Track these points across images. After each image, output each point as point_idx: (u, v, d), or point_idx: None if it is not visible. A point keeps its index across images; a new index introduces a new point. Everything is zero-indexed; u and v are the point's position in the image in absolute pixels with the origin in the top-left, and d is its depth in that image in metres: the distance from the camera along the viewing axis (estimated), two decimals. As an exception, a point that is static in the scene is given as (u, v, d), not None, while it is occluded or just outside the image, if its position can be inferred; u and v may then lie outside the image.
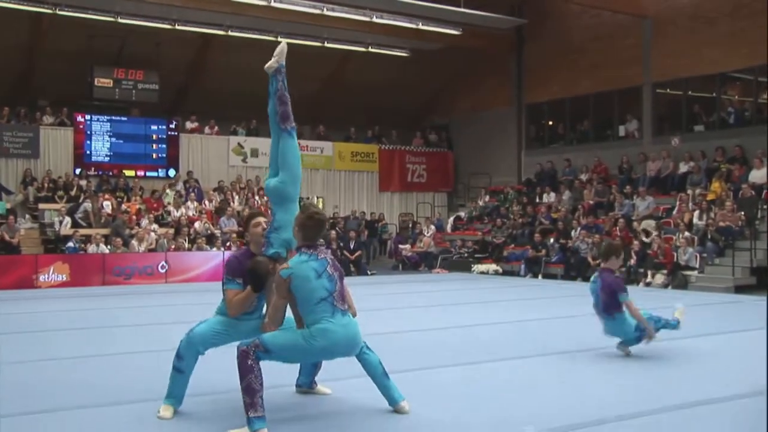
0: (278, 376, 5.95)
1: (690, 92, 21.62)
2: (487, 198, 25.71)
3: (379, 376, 5.45)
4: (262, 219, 5.80)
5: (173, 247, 19.48)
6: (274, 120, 5.95)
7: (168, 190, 22.24)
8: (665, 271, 17.11)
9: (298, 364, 5.98)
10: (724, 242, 17.16)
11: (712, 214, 18.07)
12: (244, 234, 5.77)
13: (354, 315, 5.48)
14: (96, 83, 22.44)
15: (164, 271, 18.36)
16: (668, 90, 22.19)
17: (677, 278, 16.81)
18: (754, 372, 7.12)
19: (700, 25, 20.51)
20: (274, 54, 5.94)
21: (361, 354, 5.40)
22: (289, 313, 5.42)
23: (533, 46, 25.26)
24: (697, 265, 17.02)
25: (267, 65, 5.97)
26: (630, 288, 15.72)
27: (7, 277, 16.68)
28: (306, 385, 6.10)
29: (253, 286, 5.42)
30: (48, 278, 17.12)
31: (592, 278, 8.14)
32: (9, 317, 11.69)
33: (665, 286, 16.80)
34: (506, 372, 7.20)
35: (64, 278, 17.27)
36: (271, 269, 5.43)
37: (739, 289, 15.92)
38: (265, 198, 23.08)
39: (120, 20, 20.97)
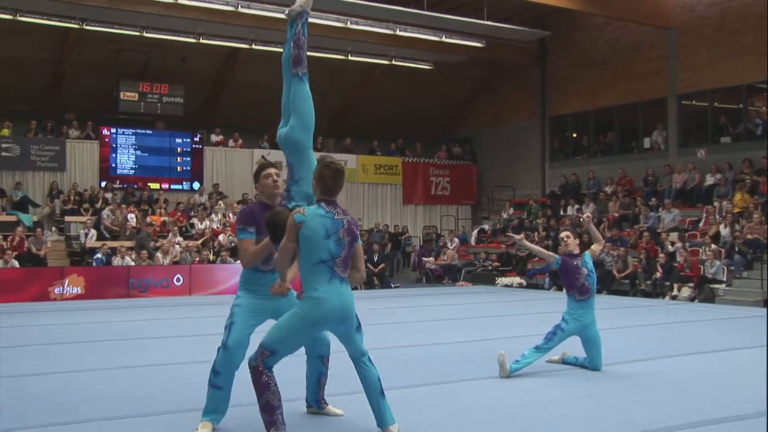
0: (288, 391, 5.93)
1: (716, 103, 21.46)
2: (511, 211, 25.64)
3: (375, 393, 5.12)
4: (273, 170, 5.57)
5: (197, 259, 19.59)
6: (287, 67, 5.77)
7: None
8: (692, 285, 16.95)
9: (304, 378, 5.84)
10: (752, 255, 16.97)
11: (738, 227, 17.89)
12: (255, 186, 5.57)
13: (362, 279, 5.28)
14: (122, 97, 22.71)
15: (180, 284, 18.38)
16: (694, 101, 22.06)
17: (704, 292, 16.63)
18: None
19: (726, 36, 20.39)
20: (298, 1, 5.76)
21: (361, 366, 5.14)
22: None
23: (557, 58, 25.23)
24: (725, 279, 16.85)
25: (289, 9, 5.78)
26: (656, 301, 15.60)
27: (29, 290, 16.79)
28: (315, 404, 5.85)
29: (271, 236, 5.13)
30: (63, 291, 17.13)
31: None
32: (31, 329, 11.80)
33: (692, 299, 16.64)
34: (533, 387, 7.17)
35: (80, 291, 17.29)
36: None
37: (768, 303, 15.72)
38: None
39: (146, 34, 21.20)
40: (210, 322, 11.89)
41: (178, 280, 18.39)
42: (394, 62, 24.74)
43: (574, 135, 25.86)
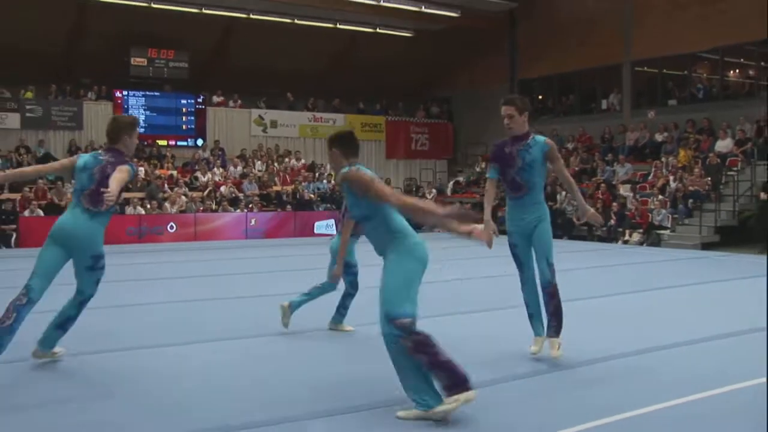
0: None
1: (665, 70, 21.95)
2: (483, 165, 26.05)
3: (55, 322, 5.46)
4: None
5: (202, 208, 20.06)
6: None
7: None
8: (641, 231, 17.65)
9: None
10: (693, 204, 17.67)
11: (682, 179, 18.54)
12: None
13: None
14: (132, 62, 22.78)
15: (173, 231, 18.78)
16: (645, 68, 22.49)
17: (651, 237, 17.37)
18: (717, 319, 7.64)
19: (675, 9, 20.74)
20: None
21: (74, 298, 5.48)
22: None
23: (525, 27, 25.45)
24: (669, 225, 17.56)
25: None
26: (610, 245, 16.14)
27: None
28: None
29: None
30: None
31: None
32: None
33: (641, 243, 17.36)
34: (492, 322, 7.63)
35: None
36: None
37: (705, 246, 16.46)
38: (284, 164, 23.62)
39: (153, 5, 21.28)
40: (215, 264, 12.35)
41: (171, 227, 18.81)
42: (378, 30, 24.93)
43: (540, 97, 26.27)
